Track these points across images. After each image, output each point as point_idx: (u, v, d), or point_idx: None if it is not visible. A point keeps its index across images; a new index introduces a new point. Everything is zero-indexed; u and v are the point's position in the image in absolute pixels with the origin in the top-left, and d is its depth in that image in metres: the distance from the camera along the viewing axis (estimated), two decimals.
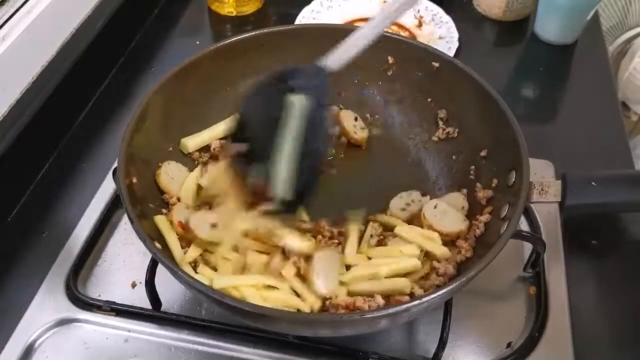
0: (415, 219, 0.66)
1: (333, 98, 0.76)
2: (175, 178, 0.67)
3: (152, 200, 0.64)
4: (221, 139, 0.73)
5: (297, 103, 0.55)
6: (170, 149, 0.70)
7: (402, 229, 0.64)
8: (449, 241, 0.63)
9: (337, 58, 0.58)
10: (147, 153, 0.65)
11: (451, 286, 0.51)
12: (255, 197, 0.57)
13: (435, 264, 0.61)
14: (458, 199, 0.67)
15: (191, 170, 0.69)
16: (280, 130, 0.55)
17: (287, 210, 0.56)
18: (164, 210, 0.64)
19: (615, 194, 0.63)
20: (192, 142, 0.71)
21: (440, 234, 0.63)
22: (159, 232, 0.60)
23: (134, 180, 0.60)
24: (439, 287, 0.58)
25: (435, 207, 0.65)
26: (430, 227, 0.64)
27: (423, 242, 0.62)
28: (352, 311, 0.55)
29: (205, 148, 0.72)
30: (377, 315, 0.50)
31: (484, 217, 0.63)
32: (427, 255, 0.62)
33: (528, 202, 0.59)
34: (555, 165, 0.76)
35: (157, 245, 0.54)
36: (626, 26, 1.43)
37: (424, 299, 0.50)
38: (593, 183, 0.62)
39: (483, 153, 0.68)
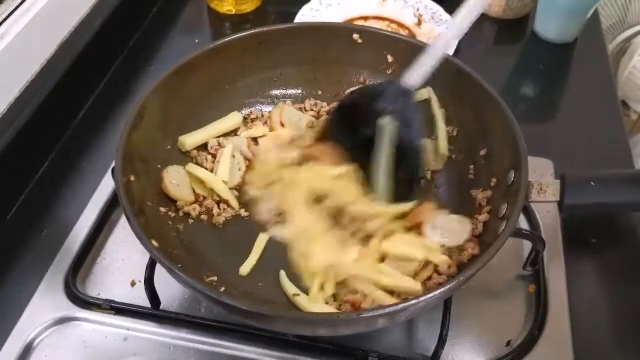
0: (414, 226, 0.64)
1: (339, 97, 0.76)
2: (180, 184, 0.67)
3: (150, 198, 0.63)
4: (219, 136, 0.73)
5: (388, 126, 0.61)
6: (169, 147, 0.70)
7: (402, 240, 0.62)
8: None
9: (417, 74, 0.63)
10: (145, 151, 0.65)
11: (449, 285, 0.51)
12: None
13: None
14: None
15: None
16: (376, 152, 0.62)
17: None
18: (162, 209, 0.64)
19: (614, 193, 0.63)
20: (189, 140, 0.71)
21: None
22: (156, 230, 0.60)
23: (132, 178, 0.60)
24: (439, 284, 0.58)
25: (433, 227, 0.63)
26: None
27: (423, 253, 0.60)
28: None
29: (203, 146, 0.72)
30: (375, 315, 0.50)
31: (483, 217, 0.63)
32: None
33: (527, 201, 0.59)
34: (555, 163, 0.76)
35: (155, 243, 0.54)
36: (626, 24, 1.43)
37: (422, 298, 0.50)
38: (592, 183, 0.62)
39: (482, 152, 0.68)
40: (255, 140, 0.74)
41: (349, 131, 0.65)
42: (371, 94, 0.64)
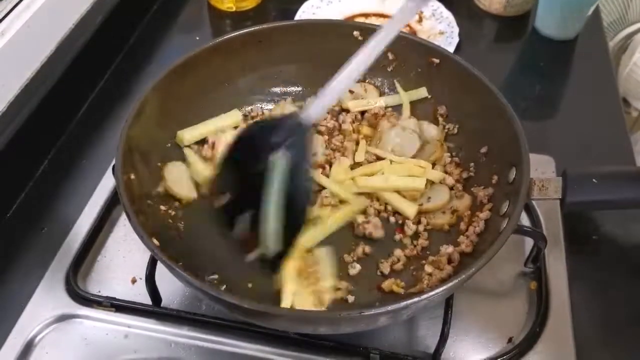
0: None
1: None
2: (181, 181, 0.67)
3: (150, 196, 0.63)
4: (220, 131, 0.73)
5: (279, 162, 0.56)
6: (169, 145, 0.70)
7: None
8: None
9: (317, 108, 0.57)
10: (145, 149, 0.64)
11: (451, 283, 0.51)
12: (243, 245, 0.58)
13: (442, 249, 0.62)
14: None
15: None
16: (266, 188, 0.56)
17: (276, 259, 0.56)
18: (163, 207, 0.64)
19: (616, 190, 0.63)
20: (188, 135, 0.71)
21: None
22: (157, 228, 0.60)
23: (132, 176, 0.60)
24: (441, 281, 0.58)
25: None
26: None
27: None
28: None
29: (202, 142, 0.72)
30: (376, 313, 0.50)
31: (484, 214, 0.63)
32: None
33: (528, 199, 0.59)
34: (556, 160, 0.76)
35: (155, 241, 0.54)
36: (627, 21, 1.42)
37: (424, 296, 0.50)
38: (594, 180, 0.62)
39: (483, 150, 0.68)
40: None
41: (242, 172, 0.59)
42: (267, 127, 0.59)
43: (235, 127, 0.74)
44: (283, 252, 0.56)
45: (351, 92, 0.77)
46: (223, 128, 0.73)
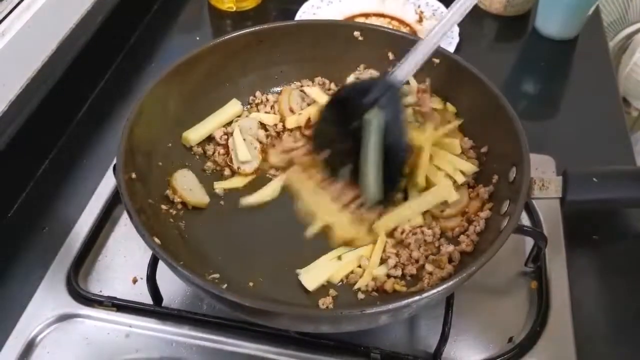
0: None
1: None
2: (192, 188, 0.67)
3: (152, 196, 0.63)
4: (225, 125, 0.73)
5: (374, 120, 0.61)
6: (170, 144, 0.69)
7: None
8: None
9: (405, 70, 0.63)
10: (146, 148, 0.65)
11: (452, 282, 0.51)
12: (345, 194, 0.64)
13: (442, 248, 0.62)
14: None
15: (194, 169, 0.69)
16: (363, 144, 0.62)
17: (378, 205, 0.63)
18: (164, 207, 0.64)
19: (616, 190, 0.63)
20: (194, 136, 0.71)
21: None
22: (158, 227, 0.60)
23: (133, 175, 0.60)
24: (442, 280, 0.58)
25: None
26: None
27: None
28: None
29: (207, 140, 0.72)
30: (377, 311, 0.50)
31: (485, 214, 0.63)
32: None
33: (529, 198, 0.59)
34: (556, 160, 0.76)
35: (157, 240, 0.54)
36: (627, 21, 1.43)
37: (424, 295, 0.50)
38: (594, 179, 0.62)
39: (483, 149, 0.68)
40: (264, 126, 0.74)
41: (338, 130, 0.65)
42: (358, 89, 0.65)
43: (238, 117, 0.74)
44: (384, 200, 0.63)
45: (357, 79, 0.76)
46: (226, 121, 0.73)
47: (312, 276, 0.60)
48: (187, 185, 0.66)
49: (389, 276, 0.60)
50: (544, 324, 0.61)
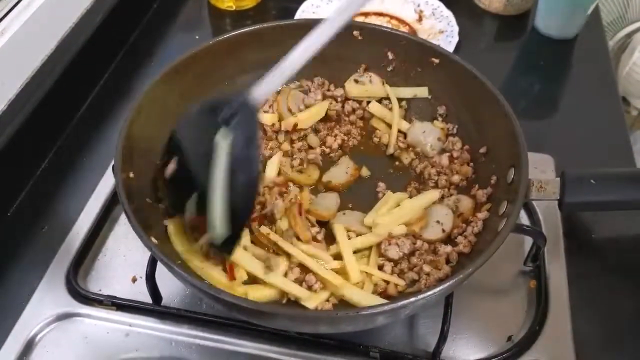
0: None
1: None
2: None
3: (149, 195, 0.63)
4: None
5: (224, 143, 0.54)
6: None
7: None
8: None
9: (264, 89, 0.56)
10: (145, 147, 0.64)
11: (448, 283, 0.51)
12: (194, 230, 0.58)
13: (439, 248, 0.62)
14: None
15: None
16: (212, 170, 0.54)
17: (226, 244, 0.56)
18: (162, 206, 0.64)
19: (614, 192, 0.63)
20: None
21: None
22: (156, 227, 0.60)
23: (131, 174, 0.60)
24: (440, 281, 0.58)
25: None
26: None
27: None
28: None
29: None
30: (373, 312, 0.50)
31: (483, 215, 0.63)
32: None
33: (527, 199, 0.59)
34: (556, 159, 0.76)
35: (154, 240, 0.54)
36: (627, 21, 1.43)
37: (420, 296, 0.50)
38: (592, 181, 0.62)
39: (482, 150, 0.68)
40: (262, 125, 0.74)
41: (189, 150, 0.57)
42: (212, 107, 0.57)
43: None
44: (233, 235, 0.55)
45: (356, 81, 0.77)
46: None
47: (313, 299, 0.58)
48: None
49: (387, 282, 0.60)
50: (542, 323, 0.61)
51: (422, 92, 0.75)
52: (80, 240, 0.68)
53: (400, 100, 0.76)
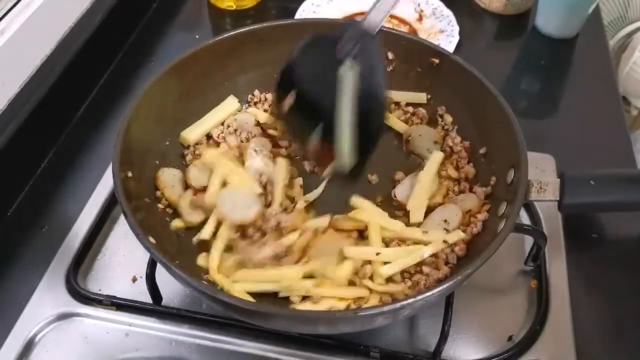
0: None
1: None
2: (174, 185, 0.66)
3: (148, 194, 0.63)
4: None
5: (350, 74, 0.55)
6: (167, 143, 0.69)
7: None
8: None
9: (377, 14, 0.57)
10: (143, 147, 0.64)
11: (447, 284, 0.51)
12: (317, 159, 0.59)
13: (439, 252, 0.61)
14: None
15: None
16: (338, 101, 0.56)
17: (352, 173, 0.58)
18: (160, 205, 0.64)
19: (614, 193, 0.63)
20: (192, 135, 0.70)
21: None
22: (154, 226, 0.60)
23: (129, 174, 0.60)
24: (440, 281, 0.58)
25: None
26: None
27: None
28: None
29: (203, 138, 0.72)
30: (372, 313, 0.50)
31: (482, 215, 0.63)
32: None
33: (526, 200, 0.59)
34: (556, 159, 0.76)
35: (152, 239, 0.54)
36: (627, 20, 1.43)
37: (419, 297, 0.50)
38: (591, 182, 0.61)
39: (482, 150, 0.68)
40: (257, 122, 0.74)
41: (308, 84, 0.59)
42: (329, 41, 0.58)
43: (238, 111, 0.74)
44: (360, 162, 0.57)
45: None
46: (224, 119, 0.73)
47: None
48: (171, 183, 0.66)
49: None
50: (543, 323, 0.61)
51: (421, 97, 0.75)
52: (80, 240, 0.68)
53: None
